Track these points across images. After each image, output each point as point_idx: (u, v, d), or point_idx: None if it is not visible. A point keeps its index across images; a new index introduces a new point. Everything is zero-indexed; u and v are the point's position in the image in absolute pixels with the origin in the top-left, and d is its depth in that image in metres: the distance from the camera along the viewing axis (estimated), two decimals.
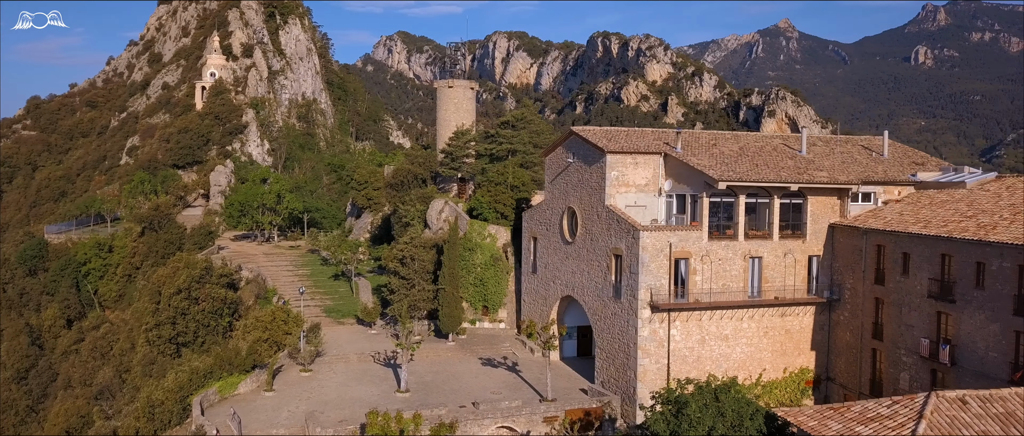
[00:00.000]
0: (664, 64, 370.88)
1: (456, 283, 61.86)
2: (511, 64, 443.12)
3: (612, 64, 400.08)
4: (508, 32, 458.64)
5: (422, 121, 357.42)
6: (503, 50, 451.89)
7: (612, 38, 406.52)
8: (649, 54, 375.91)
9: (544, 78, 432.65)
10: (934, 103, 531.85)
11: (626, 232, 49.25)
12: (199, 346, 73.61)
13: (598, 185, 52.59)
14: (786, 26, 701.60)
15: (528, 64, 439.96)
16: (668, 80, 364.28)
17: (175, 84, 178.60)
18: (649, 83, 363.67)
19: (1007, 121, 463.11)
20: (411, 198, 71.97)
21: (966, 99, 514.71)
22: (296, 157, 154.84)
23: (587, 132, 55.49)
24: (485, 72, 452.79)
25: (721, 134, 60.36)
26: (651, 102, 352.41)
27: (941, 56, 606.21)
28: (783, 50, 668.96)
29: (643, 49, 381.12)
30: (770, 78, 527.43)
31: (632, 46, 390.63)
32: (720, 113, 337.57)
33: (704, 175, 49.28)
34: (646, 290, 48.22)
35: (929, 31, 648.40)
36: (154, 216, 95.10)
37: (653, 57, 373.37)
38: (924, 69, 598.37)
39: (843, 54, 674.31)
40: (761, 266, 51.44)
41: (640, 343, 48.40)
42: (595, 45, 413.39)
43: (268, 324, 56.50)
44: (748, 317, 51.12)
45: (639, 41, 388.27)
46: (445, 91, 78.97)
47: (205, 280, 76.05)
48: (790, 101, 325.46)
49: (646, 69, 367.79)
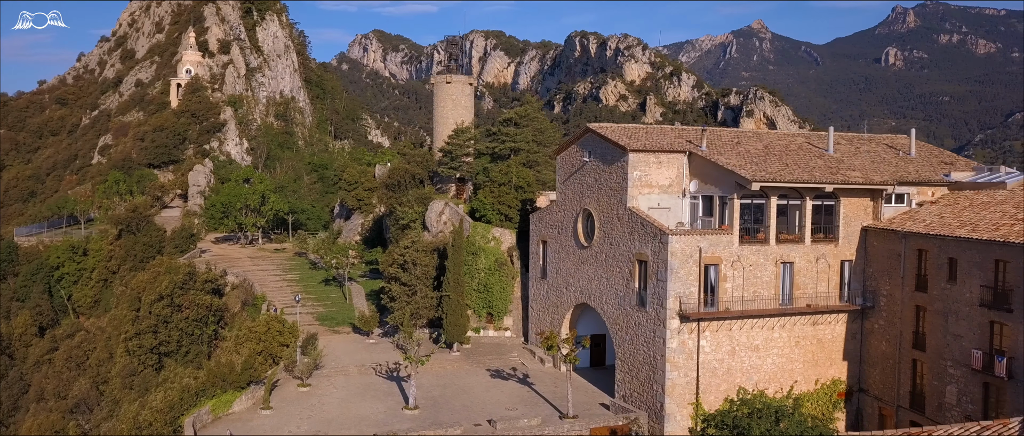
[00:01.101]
0: (642, 64, 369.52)
1: (461, 290, 58.34)
2: (488, 63, 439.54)
3: (590, 64, 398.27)
4: (485, 31, 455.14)
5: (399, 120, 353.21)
6: (480, 49, 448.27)
7: (590, 37, 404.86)
8: (627, 54, 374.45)
9: (522, 77, 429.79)
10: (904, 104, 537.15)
11: (652, 236, 46.00)
12: (183, 356, 69.55)
13: (619, 186, 49.31)
14: (759, 27, 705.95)
15: (505, 63, 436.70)
16: (646, 80, 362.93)
17: (149, 81, 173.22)
18: (628, 83, 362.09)
19: (975, 122, 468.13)
20: (409, 199, 68.29)
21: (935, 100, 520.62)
22: (276, 156, 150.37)
23: (606, 129, 52.20)
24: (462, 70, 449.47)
25: (742, 132, 57.33)
26: (630, 102, 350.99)
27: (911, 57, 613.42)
28: (756, 51, 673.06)
29: (621, 49, 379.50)
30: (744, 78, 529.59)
31: (610, 46, 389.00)
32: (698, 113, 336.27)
33: (735, 175, 46.15)
34: (675, 299, 45.00)
35: (899, 33, 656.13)
36: (131, 218, 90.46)
37: (631, 57, 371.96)
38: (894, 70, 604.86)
39: (815, 55, 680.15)
40: (793, 272, 48.42)
41: (668, 355, 45.17)
42: (573, 44, 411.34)
43: (262, 335, 52.69)
44: (779, 326, 48.09)
45: (617, 41, 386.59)
46: (442, 87, 75.31)
47: (188, 286, 71.99)
48: (768, 101, 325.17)
49: (624, 69, 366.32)
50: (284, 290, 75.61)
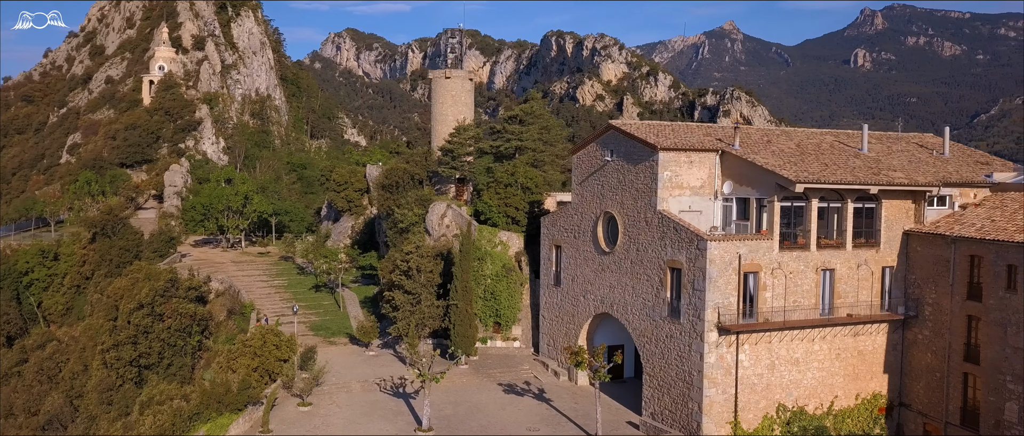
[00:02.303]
0: (619, 64, 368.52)
1: (470, 298, 54.51)
2: (464, 63, 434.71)
3: (566, 63, 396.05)
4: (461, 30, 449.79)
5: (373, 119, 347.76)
6: None
7: (566, 37, 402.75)
8: (604, 53, 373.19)
9: (497, 76, 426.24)
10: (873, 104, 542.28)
11: (687, 242, 42.50)
12: (165, 369, 65.12)
13: (646, 187, 45.78)
14: (731, 28, 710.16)
15: (481, 62, 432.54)
16: (623, 80, 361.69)
17: (120, 78, 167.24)
18: (604, 82, 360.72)
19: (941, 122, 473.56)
20: (408, 201, 64.29)
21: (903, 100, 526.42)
22: (253, 156, 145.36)
23: (630, 126, 48.69)
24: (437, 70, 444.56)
25: (770, 130, 54.06)
26: (606, 102, 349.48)
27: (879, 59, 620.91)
28: (728, 51, 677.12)
29: (598, 48, 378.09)
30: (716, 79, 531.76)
31: (586, 45, 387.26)
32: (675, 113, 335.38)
33: (775, 176, 42.80)
34: (713, 310, 41.55)
35: (867, 35, 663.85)
36: (106, 220, 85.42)
37: (608, 56, 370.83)
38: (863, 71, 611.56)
39: (786, 56, 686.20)
40: (833, 279, 45.21)
41: (706, 371, 41.70)
42: (549, 44, 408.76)
43: (258, 349, 48.59)
44: (820, 338, 44.84)
45: (594, 40, 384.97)
46: (441, 82, 71.35)
47: (170, 293, 67.46)
48: (745, 101, 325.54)
49: (601, 68, 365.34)
50: (273, 297, 71.34)
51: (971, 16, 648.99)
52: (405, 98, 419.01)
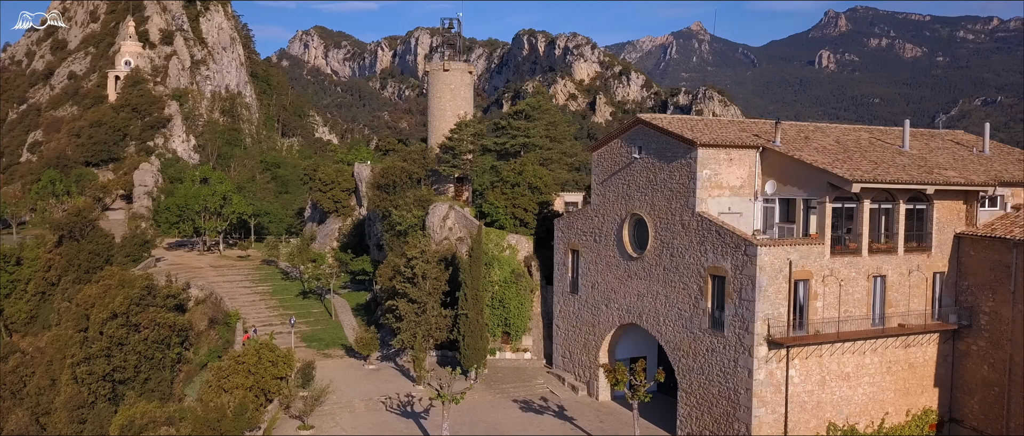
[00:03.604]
0: (591, 63, 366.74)
1: (480, 307, 50.29)
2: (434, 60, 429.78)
3: (539, 62, 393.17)
4: (431, 28, 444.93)
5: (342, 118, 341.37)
6: (425, 46, 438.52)
7: (538, 36, 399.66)
8: (576, 53, 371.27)
9: None
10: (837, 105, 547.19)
11: (734, 247, 38.72)
12: (142, 384, 60.15)
13: (683, 187, 41.95)
14: (698, 29, 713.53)
15: None
16: (595, 79, 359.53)
17: (83, 73, 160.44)
18: (577, 82, 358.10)
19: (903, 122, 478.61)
20: (406, 202, 59.91)
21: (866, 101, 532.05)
22: (226, 155, 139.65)
23: (662, 121, 44.83)
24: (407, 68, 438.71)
25: (804, 125, 50.51)
26: (579, 101, 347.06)
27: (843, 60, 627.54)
28: (696, 52, 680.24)
29: (570, 47, 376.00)
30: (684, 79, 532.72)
31: (559, 44, 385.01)
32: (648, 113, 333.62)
33: (827, 175, 39.19)
34: (763, 322, 37.82)
35: (831, 36, 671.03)
36: (73, 222, 79.73)
37: (581, 56, 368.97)
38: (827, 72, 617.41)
39: (752, 57, 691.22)
40: (885, 286, 41.73)
41: (755, 389, 37.95)
42: (521, 43, 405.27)
43: (252, 366, 43.94)
44: (871, 350, 41.35)
45: (566, 39, 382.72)
46: (439, 75, 66.92)
47: (147, 302, 62.55)
48: (717, 101, 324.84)
49: (574, 68, 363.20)
50: (258, 305, 66.53)
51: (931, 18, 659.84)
52: (375, 97, 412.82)
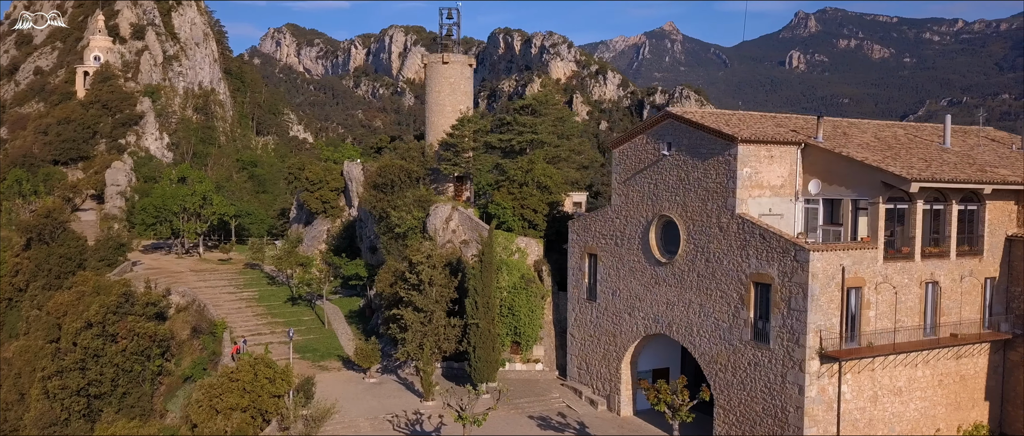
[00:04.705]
0: (568, 62, 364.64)
1: (492, 316, 46.69)
2: (409, 59, 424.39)
3: (515, 61, 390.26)
4: (405, 26, 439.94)
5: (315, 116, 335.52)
6: (400, 44, 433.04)
7: (514, 35, 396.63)
8: (553, 51, 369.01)
9: None
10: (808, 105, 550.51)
11: (781, 252, 35.46)
12: (120, 399, 56.00)
13: (720, 187, 38.66)
14: (671, 29, 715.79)
15: None
16: (572, 78, 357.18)
17: (50, 69, 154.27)
18: (554, 81, 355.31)
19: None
20: (406, 203, 56.10)
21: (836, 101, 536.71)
22: (200, 153, 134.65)
23: (695, 115, 41.52)
24: (381, 67, 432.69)
25: (839, 121, 47.48)
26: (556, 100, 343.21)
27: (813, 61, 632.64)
28: (668, 52, 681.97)
29: (546, 46, 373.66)
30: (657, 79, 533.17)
31: (535, 43, 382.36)
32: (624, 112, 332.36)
33: (881, 173, 36.09)
34: (815, 334, 34.62)
35: (801, 37, 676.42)
36: (43, 224, 75.01)
37: (557, 54, 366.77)
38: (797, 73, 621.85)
39: (724, 57, 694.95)
40: (936, 294, 38.76)
41: (807, 407, 34.73)
42: (496, 41, 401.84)
43: (248, 384, 39.99)
44: (923, 362, 38.34)
45: (542, 38, 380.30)
46: (438, 68, 62.99)
47: (125, 310, 58.35)
48: (694, 100, 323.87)
49: (550, 66, 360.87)
50: (245, 312, 62.39)
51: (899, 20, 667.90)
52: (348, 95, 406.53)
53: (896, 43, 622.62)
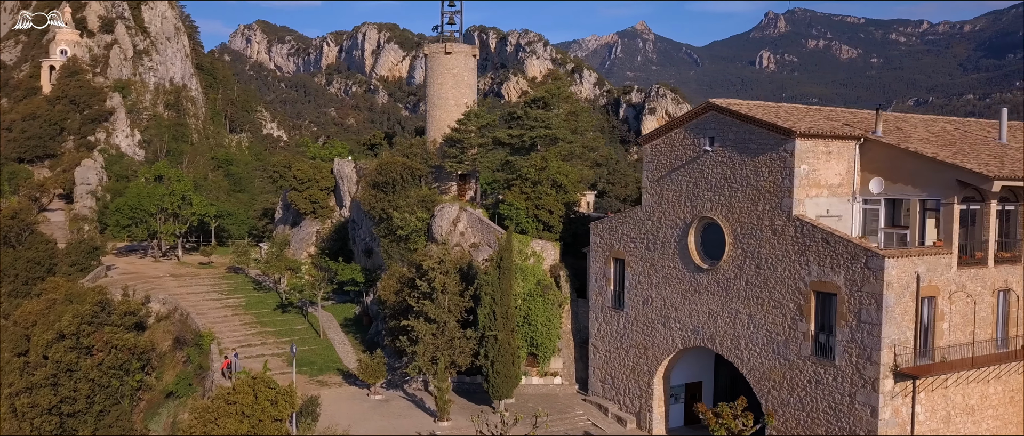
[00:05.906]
0: (544, 60, 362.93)
1: (511, 328, 42.74)
2: (382, 57, 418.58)
3: (490, 59, 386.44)
4: (379, 24, 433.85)
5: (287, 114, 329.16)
6: (373, 42, 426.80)
7: (490, 33, 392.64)
8: (528, 50, 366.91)
9: (417, 71, 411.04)
10: None
11: (849, 259, 31.92)
12: (96, 418, 51.30)
13: (774, 186, 35.05)
14: (643, 28, 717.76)
15: (400, 57, 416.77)
16: (548, 76, 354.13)
17: (14, 63, 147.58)
18: (529, 79, 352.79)
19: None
20: (408, 203, 52.03)
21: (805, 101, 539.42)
22: (173, 150, 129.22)
23: (743, 107, 37.91)
24: (354, 64, 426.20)
25: (886, 114, 44.11)
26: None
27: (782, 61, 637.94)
28: (640, 51, 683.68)
29: (522, 45, 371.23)
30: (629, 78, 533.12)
31: (511, 41, 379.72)
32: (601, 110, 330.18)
33: (957, 170, 32.74)
34: (888, 349, 31.12)
35: (771, 37, 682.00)
36: (9, 226, 69.85)
37: (533, 53, 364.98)
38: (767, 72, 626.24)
39: (695, 57, 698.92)
40: (1008, 303, 35.50)
41: (880, 429, 31.22)
42: (472, 39, 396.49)
43: (248, 407, 35.71)
44: (994, 377, 35.04)
45: (518, 36, 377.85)
46: (439, 58, 58.83)
47: (101, 320, 53.68)
48: (670, 99, 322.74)
49: (526, 65, 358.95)
50: (232, 321, 57.87)
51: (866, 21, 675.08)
52: (320, 93, 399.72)
53: (863, 43, 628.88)
